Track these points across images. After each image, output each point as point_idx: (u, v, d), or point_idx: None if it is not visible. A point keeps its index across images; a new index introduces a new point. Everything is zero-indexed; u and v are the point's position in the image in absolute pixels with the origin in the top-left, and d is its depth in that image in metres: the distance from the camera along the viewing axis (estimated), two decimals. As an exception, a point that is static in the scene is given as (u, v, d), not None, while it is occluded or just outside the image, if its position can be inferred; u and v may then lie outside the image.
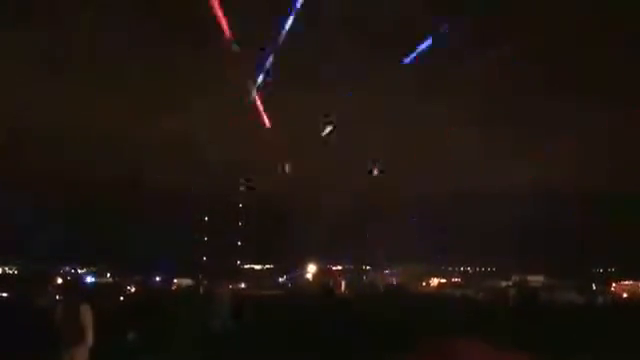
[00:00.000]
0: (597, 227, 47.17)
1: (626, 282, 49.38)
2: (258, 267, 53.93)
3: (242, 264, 52.86)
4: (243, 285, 45.77)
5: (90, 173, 45.08)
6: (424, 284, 54.11)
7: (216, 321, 14.77)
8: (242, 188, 47.26)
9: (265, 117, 39.93)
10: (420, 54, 36.04)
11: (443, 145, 50.86)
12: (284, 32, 33.51)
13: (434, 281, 55.00)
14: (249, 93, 38.39)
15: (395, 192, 47.68)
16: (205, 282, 48.98)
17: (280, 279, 53.31)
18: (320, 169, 45.66)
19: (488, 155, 49.96)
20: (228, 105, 40.87)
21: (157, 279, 43.62)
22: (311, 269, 54.01)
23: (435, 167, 49.34)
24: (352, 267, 55.22)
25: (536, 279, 49.22)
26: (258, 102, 38.85)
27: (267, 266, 54.08)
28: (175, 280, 46.01)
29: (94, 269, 46.68)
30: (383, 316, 15.62)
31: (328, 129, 39.25)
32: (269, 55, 35.43)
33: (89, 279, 42.75)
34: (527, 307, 19.49)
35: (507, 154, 50.49)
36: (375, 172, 42.57)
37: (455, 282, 54.31)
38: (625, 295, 47.52)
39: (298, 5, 32.41)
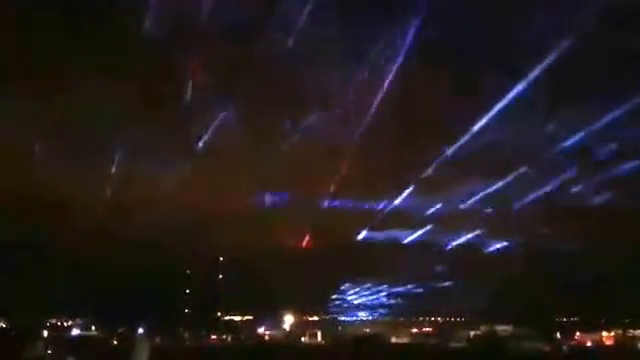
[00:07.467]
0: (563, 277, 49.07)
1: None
2: (238, 318, 55.17)
3: (222, 315, 54.09)
4: None
5: (73, 225, 45.84)
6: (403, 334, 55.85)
7: None
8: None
9: None
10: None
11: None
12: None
13: (406, 331, 56.67)
14: None
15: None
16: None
17: (259, 330, 54.65)
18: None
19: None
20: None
21: (140, 331, 44.55)
22: (288, 319, 55.47)
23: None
24: (328, 318, 56.82)
25: (504, 329, 51.30)
26: None
27: (247, 317, 55.36)
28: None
29: (80, 322, 47.50)
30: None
31: None
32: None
33: (75, 332, 43.61)
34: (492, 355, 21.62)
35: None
36: None
37: (427, 331, 56.24)
38: (589, 343, 49.95)
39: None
